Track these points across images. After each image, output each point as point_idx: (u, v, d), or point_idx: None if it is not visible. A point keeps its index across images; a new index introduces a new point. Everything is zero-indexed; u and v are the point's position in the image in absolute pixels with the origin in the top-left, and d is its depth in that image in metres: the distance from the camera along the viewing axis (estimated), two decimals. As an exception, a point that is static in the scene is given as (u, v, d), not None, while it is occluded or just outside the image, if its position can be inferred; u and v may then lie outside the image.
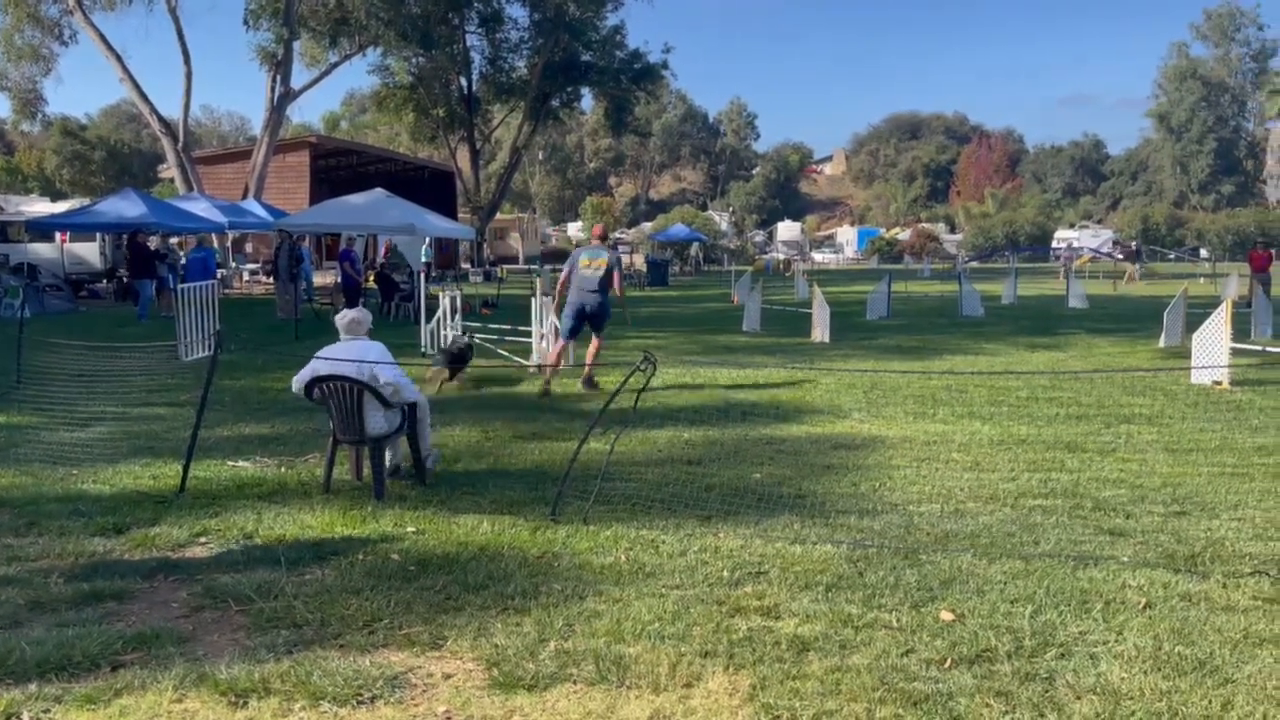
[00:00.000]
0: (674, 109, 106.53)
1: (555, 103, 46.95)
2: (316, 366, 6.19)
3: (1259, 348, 13.35)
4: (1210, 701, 3.41)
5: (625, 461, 7.01)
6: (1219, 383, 10.71)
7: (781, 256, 65.47)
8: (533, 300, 12.54)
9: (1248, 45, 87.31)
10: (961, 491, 6.30)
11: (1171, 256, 59.33)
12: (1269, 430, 8.29)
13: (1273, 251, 32.94)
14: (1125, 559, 4.91)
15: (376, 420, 6.11)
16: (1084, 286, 27.03)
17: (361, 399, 6.03)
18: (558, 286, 11.12)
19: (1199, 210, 79.47)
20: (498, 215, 53.16)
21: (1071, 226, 75.85)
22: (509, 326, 13.66)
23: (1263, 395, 10.11)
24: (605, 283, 10.56)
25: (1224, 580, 4.59)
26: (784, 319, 19.83)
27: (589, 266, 10.58)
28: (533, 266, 38.91)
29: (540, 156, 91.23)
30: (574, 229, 77.95)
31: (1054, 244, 68.77)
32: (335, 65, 36.16)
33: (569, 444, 6.90)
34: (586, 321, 10.69)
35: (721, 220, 74.77)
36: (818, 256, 75.66)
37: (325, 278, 28.18)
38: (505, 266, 43.53)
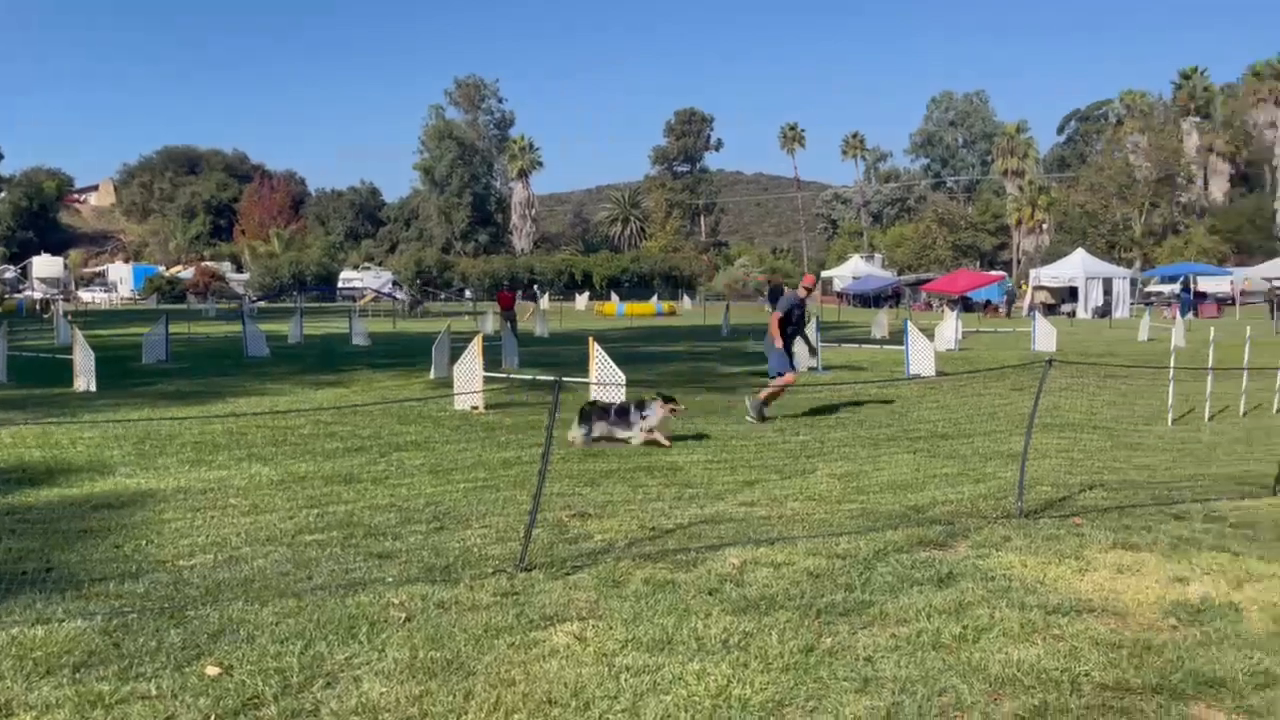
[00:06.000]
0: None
1: None
2: None
3: (506, 375, 15.56)
4: (455, 696, 3.81)
5: None
6: (476, 408, 12.17)
7: (39, 295, 57.45)
8: None
9: (491, 114, 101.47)
10: (237, 537, 6.13)
11: (443, 296, 66.09)
12: (511, 446, 9.66)
13: (518, 292, 38.91)
14: (390, 579, 5.26)
15: None
16: (366, 324, 28.58)
17: None
18: None
19: (463, 255, 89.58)
20: None
21: (355, 268, 79.47)
22: None
23: (509, 416, 11.76)
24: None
25: (471, 583, 5.19)
26: (40, 367, 17.33)
27: None
28: None
29: None
30: None
31: (340, 284, 71.59)
32: None
33: None
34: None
35: (-48, 252, 62.39)
36: (85, 295, 68.07)
37: None
38: None
